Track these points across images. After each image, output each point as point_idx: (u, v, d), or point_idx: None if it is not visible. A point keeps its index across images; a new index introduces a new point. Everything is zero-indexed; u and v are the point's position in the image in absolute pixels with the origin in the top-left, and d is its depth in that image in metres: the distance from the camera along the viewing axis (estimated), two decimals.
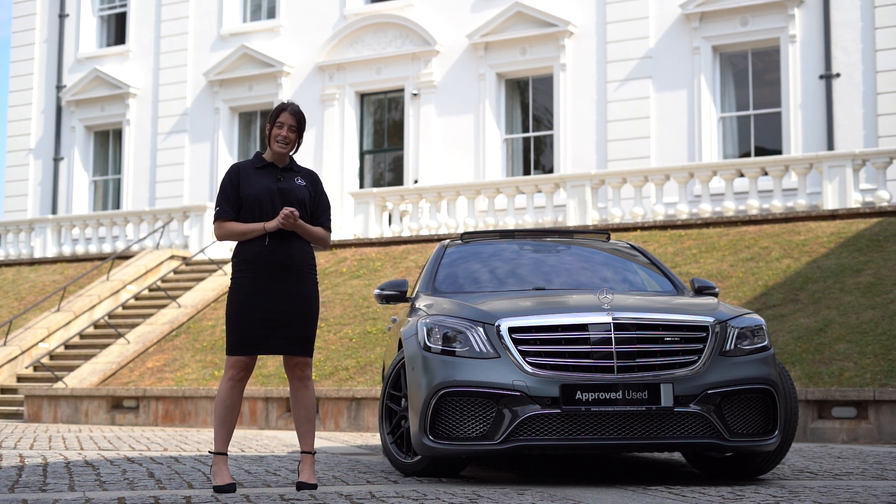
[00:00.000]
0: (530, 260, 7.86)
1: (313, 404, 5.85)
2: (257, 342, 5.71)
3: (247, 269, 5.76)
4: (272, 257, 5.74)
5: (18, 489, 5.70)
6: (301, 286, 5.80)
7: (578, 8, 22.41)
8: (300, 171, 5.98)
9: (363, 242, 20.06)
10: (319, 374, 14.73)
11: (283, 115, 5.85)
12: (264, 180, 5.84)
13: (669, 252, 16.46)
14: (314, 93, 24.77)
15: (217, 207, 5.83)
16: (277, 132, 5.85)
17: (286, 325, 5.72)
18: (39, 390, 16.15)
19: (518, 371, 5.94)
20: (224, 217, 5.80)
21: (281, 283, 5.74)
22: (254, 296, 5.71)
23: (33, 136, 28.09)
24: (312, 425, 5.83)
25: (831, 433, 11.32)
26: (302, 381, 5.81)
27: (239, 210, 5.81)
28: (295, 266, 5.79)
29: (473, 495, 5.40)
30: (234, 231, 5.79)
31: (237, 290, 5.78)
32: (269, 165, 5.90)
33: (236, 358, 5.74)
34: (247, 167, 5.91)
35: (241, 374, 5.76)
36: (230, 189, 5.83)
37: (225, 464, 5.68)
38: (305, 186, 5.90)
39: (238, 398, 5.78)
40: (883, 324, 12.61)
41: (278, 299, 5.72)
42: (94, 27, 28.08)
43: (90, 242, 23.80)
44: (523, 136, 23.22)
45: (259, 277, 5.73)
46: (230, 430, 5.79)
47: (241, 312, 5.72)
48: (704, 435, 5.96)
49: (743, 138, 21.37)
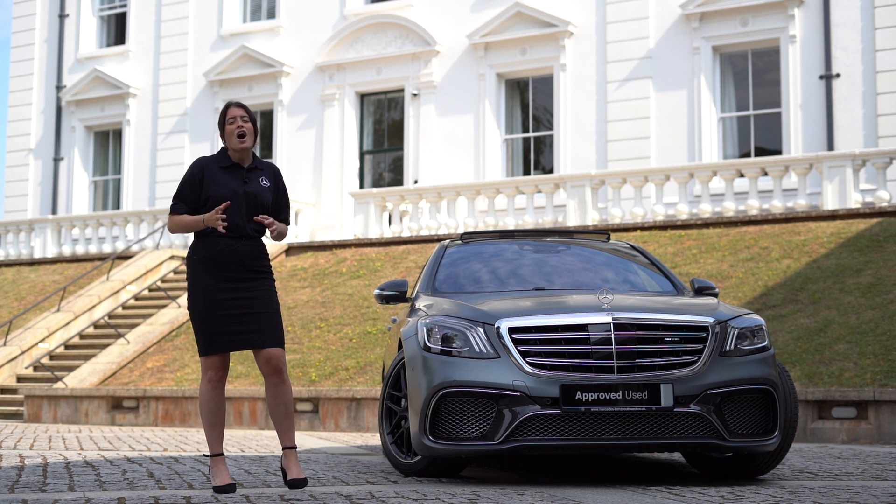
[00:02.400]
0: (530, 260, 7.86)
1: (290, 398, 5.82)
2: (229, 339, 5.69)
3: (206, 267, 5.74)
4: (232, 255, 5.73)
5: (18, 489, 5.70)
6: (262, 281, 5.80)
7: (578, 8, 22.41)
8: (263, 167, 5.96)
9: (363, 242, 20.06)
10: (319, 374, 14.73)
11: (230, 110, 5.84)
12: (230, 182, 5.80)
13: (669, 252, 16.46)
14: (314, 93, 24.77)
15: (173, 202, 5.83)
16: (231, 127, 5.81)
17: (254, 319, 5.71)
18: (39, 390, 16.15)
19: (518, 371, 5.94)
20: (177, 211, 5.81)
21: (242, 281, 5.74)
22: (218, 293, 5.70)
23: (33, 136, 28.10)
24: (292, 420, 5.80)
25: (831, 433, 11.32)
26: (279, 375, 5.76)
27: (197, 209, 5.80)
28: (253, 265, 5.78)
29: (473, 495, 5.40)
30: (181, 223, 5.78)
31: (199, 289, 5.75)
32: (234, 166, 5.86)
33: (211, 358, 5.73)
34: (212, 165, 5.86)
35: (218, 374, 5.75)
36: (190, 186, 5.81)
37: (223, 464, 5.68)
38: (269, 188, 5.89)
39: (221, 399, 5.77)
40: (883, 324, 12.61)
41: (241, 296, 5.71)
42: (94, 27, 28.08)
43: (90, 242, 23.81)
44: (523, 136, 23.22)
45: (219, 275, 5.72)
46: (221, 431, 5.78)
47: (207, 312, 5.70)
48: (704, 435, 5.96)
49: (743, 138, 21.37)
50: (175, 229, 5.83)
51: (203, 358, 5.75)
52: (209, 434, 5.75)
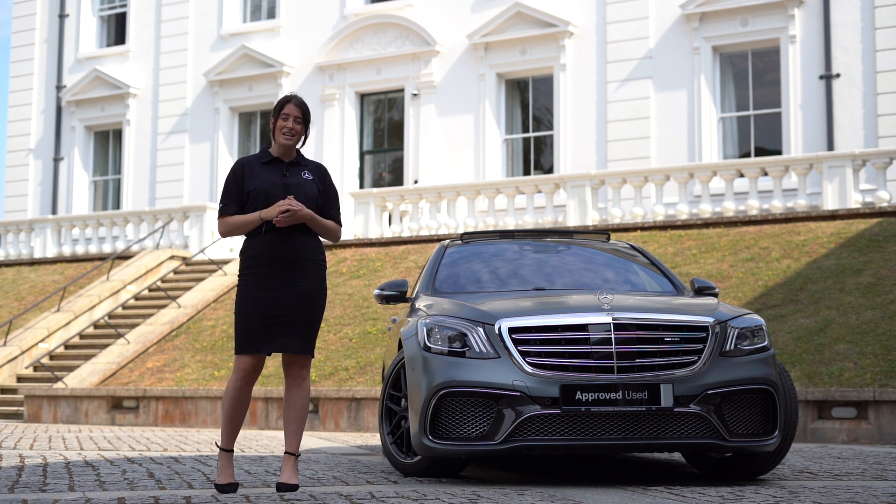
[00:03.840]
0: (530, 260, 7.86)
1: (306, 405, 5.75)
2: (262, 341, 5.60)
3: (252, 265, 5.66)
4: (275, 252, 5.63)
5: (18, 489, 5.69)
6: (306, 282, 5.68)
7: (578, 8, 22.41)
8: (307, 164, 5.87)
9: (363, 242, 20.06)
10: (319, 374, 14.73)
11: (287, 107, 5.73)
12: (270, 175, 5.73)
13: (669, 252, 16.46)
14: (314, 93, 24.77)
15: (221, 204, 5.74)
16: (283, 124, 5.73)
17: (289, 321, 5.61)
18: (39, 390, 16.15)
19: (518, 371, 5.94)
20: (227, 213, 5.71)
21: (284, 279, 5.63)
22: (258, 293, 5.61)
23: (33, 136, 28.09)
24: (301, 426, 5.73)
25: (831, 433, 11.32)
26: (297, 380, 5.72)
27: (243, 206, 5.71)
28: (300, 261, 5.67)
29: (473, 495, 5.40)
30: (234, 224, 5.69)
31: (243, 287, 5.69)
32: (275, 160, 5.78)
33: (244, 358, 5.65)
34: (252, 162, 5.79)
35: (248, 375, 5.65)
36: (234, 185, 5.73)
37: (230, 461, 5.65)
38: (313, 180, 5.79)
39: (245, 398, 5.69)
40: (883, 324, 12.61)
41: (281, 295, 5.61)
42: (94, 27, 28.08)
43: (90, 242, 23.80)
44: (523, 136, 23.22)
45: (262, 273, 5.63)
46: (236, 429, 5.73)
47: (245, 310, 5.63)
48: (704, 435, 5.96)
49: (743, 138, 21.37)
50: (228, 232, 5.72)
51: (237, 356, 5.67)
52: (225, 429, 5.70)
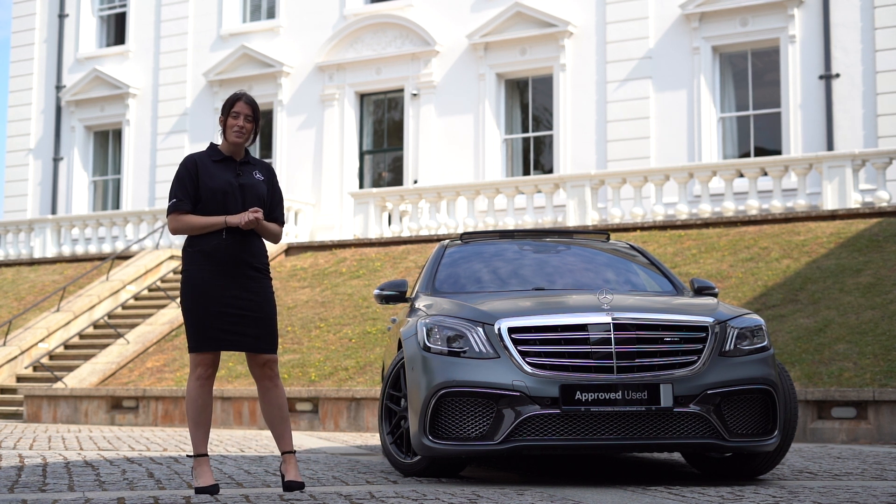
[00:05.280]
0: (530, 260, 7.86)
1: (285, 402, 5.73)
2: (221, 338, 5.56)
3: (204, 262, 5.58)
4: (231, 252, 5.58)
5: (18, 489, 5.69)
6: (259, 283, 5.66)
7: (578, 8, 22.41)
8: (256, 163, 5.83)
9: (363, 242, 20.06)
10: (319, 374, 14.73)
11: (238, 105, 5.67)
12: (224, 175, 5.66)
13: (669, 252, 16.46)
14: (314, 93, 24.77)
15: (173, 199, 5.62)
16: (233, 122, 5.66)
17: (250, 322, 5.58)
18: (39, 390, 16.15)
19: (518, 371, 5.94)
20: (181, 209, 5.61)
21: (240, 280, 5.60)
22: (213, 290, 5.55)
23: (33, 136, 28.09)
24: (288, 424, 5.71)
25: (831, 433, 11.32)
26: (272, 379, 5.68)
27: (196, 204, 5.64)
28: (253, 263, 5.65)
29: (473, 495, 5.40)
30: (193, 224, 5.59)
31: (195, 284, 5.58)
32: (226, 159, 5.72)
33: (201, 355, 5.60)
34: (204, 159, 5.70)
35: (208, 372, 5.63)
36: (188, 181, 5.63)
37: (207, 465, 5.58)
38: (263, 181, 5.76)
39: (208, 397, 5.65)
40: (883, 324, 12.61)
41: (239, 295, 5.58)
42: (93, 27, 28.08)
43: (90, 242, 23.81)
44: (523, 136, 23.22)
45: (217, 272, 5.57)
46: (206, 431, 5.68)
47: (201, 308, 5.55)
48: (704, 435, 5.96)
49: (743, 138, 21.37)
50: (184, 231, 5.63)
51: (193, 354, 5.61)
52: (194, 434, 5.64)
